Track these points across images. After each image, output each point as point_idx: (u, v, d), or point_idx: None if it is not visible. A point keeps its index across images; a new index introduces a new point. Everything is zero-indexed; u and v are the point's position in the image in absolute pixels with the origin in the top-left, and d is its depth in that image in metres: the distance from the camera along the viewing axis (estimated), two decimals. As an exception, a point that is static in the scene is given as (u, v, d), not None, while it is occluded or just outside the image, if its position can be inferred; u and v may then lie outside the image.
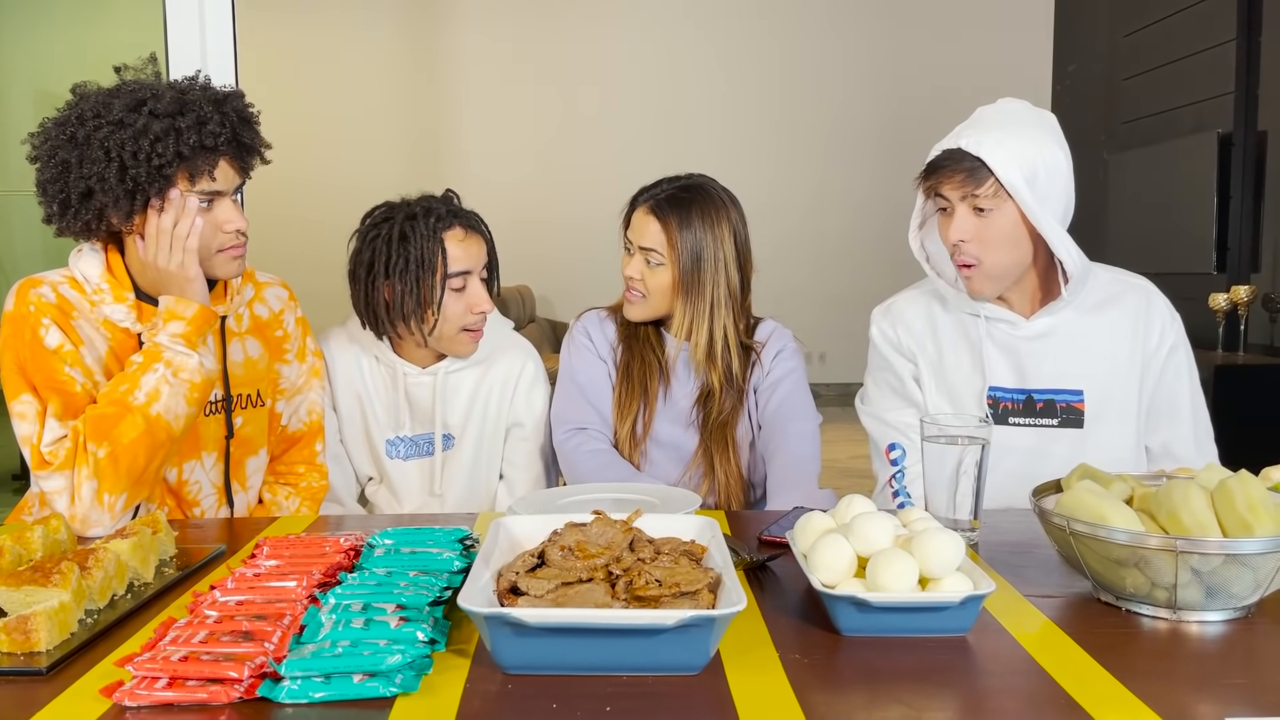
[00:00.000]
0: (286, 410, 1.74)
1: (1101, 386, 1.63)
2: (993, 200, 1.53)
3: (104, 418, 1.40)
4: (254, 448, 1.67)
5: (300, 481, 1.76)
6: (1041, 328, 1.65)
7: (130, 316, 1.50)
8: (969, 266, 1.58)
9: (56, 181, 1.44)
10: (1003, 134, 1.53)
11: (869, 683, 0.91)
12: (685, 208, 1.80)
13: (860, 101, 7.54)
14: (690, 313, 1.82)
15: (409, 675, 0.87)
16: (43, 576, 0.99)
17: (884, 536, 1.05)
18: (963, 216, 1.55)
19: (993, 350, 1.66)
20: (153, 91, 1.46)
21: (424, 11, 7.49)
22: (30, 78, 4.80)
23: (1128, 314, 1.65)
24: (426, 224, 1.73)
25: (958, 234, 1.56)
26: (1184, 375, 1.66)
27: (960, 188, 1.54)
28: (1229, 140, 4.28)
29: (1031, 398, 1.64)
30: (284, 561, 1.13)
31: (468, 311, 1.77)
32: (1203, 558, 0.99)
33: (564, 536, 1.05)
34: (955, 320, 1.71)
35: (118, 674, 0.90)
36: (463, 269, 1.75)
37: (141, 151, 1.41)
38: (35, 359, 1.43)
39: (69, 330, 1.46)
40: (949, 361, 1.70)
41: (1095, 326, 1.64)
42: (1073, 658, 0.95)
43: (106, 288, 1.50)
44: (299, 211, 6.54)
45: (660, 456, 1.88)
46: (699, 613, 0.87)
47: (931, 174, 1.58)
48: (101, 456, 1.39)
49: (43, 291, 1.47)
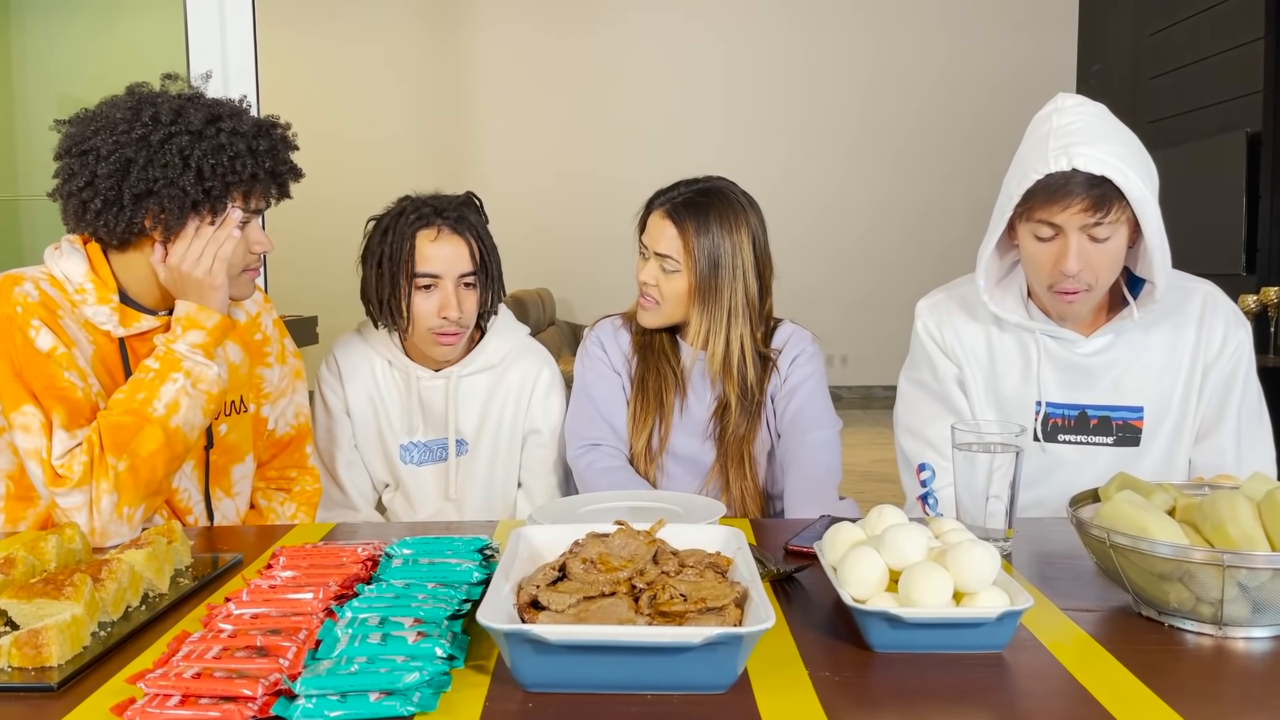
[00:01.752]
0: (272, 415, 1.71)
1: (1161, 402, 1.55)
2: (1114, 226, 1.40)
3: (122, 428, 1.38)
4: (239, 454, 1.64)
5: (293, 486, 1.73)
6: (1101, 344, 1.56)
7: (113, 319, 1.46)
8: (1076, 292, 1.46)
9: (111, 178, 1.40)
10: (1111, 145, 1.38)
11: (902, 702, 0.87)
12: (703, 212, 1.76)
13: (882, 101, 7.49)
14: (707, 321, 1.77)
15: (427, 693, 0.85)
16: (55, 589, 0.97)
17: (917, 549, 1.01)
18: (1081, 244, 1.41)
19: (1048, 365, 1.57)
20: (230, 110, 1.48)
21: (443, 22, 7.50)
22: (53, 85, 4.82)
23: (1189, 322, 1.56)
24: (406, 220, 1.74)
25: (1078, 264, 1.41)
26: (1239, 382, 1.57)
27: (1085, 215, 1.39)
28: (1258, 139, 4.22)
29: (1085, 414, 1.57)
30: (301, 572, 1.10)
31: (434, 314, 1.75)
32: (1251, 572, 0.95)
33: (586, 548, 1.02)
34: (1013, 336, 1.61)
35: (129, 691, 0.88)
36: (430, 270, 1.73)
37: (221, 165, 1.42)
38: (31, 364, 1.38)
39: (59, 331, 1.41)
40: (1000, 370, 1.61)
41: (1156, 340, 1.56)
42: (1114, 676, 0.91)
43: (90, 288, 1.45)
44: (318, 218, 6.54)
45: (677, 470, 1.84)
46: (726, 630, 0.84)
47: (1047, 202, 1.41)
48: (122, 470, 1.36)
49: (26, 290, 1.41)
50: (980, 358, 1.63)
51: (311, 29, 7.27)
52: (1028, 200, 1.43)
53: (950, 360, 1.65)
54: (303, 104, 6.70)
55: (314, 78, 7.25)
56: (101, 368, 1.46)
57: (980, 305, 1.61)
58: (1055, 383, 1.58)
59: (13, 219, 4.98)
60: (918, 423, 1.67)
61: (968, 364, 1.63)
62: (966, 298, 1.66)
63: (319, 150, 6.86)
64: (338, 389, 1.86)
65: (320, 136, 6.76)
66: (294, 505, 1.72)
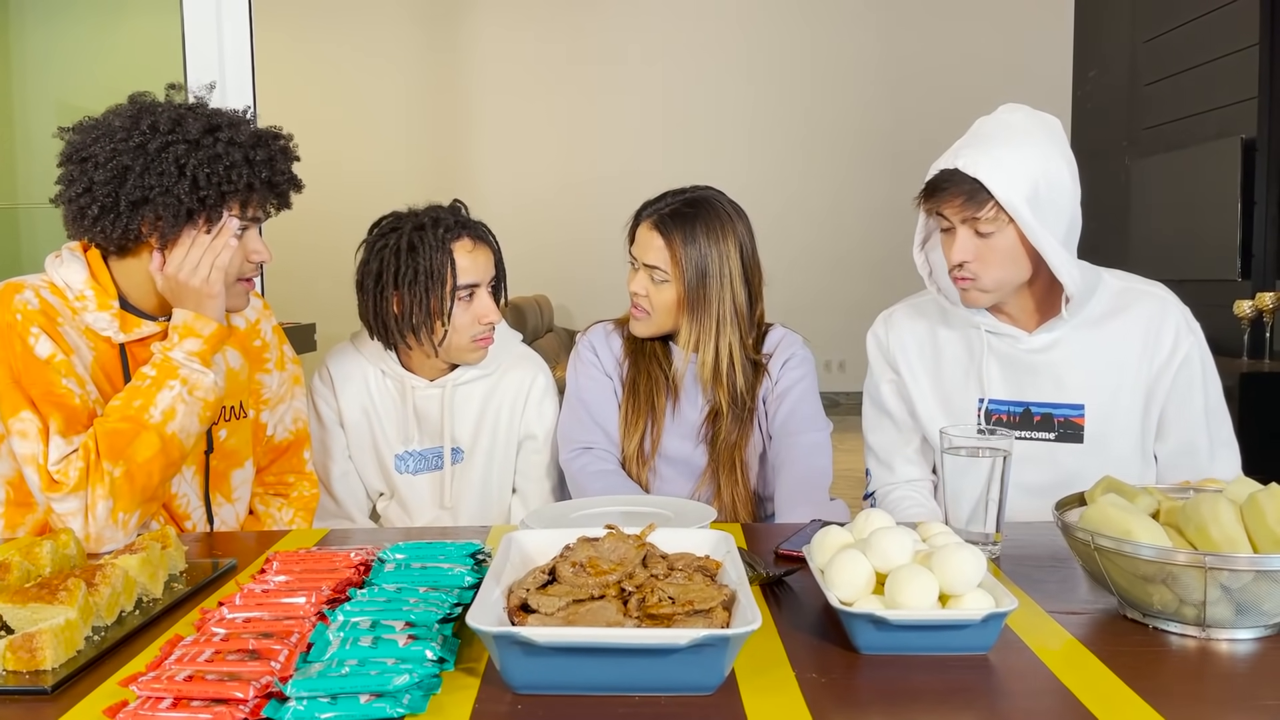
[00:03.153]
0: (271, 420, 1.72)
1: (1105, 400, 1.60)
2: (993, 223, 1.50)
3: (118, 434, 1.39)
4: (239, 459, 1.65)
5: (291, 491, 1.74)
6: (1045, 341, 1.62)
7: (114, 325, 1.48)
8: (967, 279, 1.56)
9: (108, 184, 1.42)
10: (1002, 151, 1.49)
11: (888, 703, 0.88)
12: (689, 223, 1.77)
13: (880, 108, 7.51)
14: (696, 330, 1.79)
15: (417, 695, 0.86)
16: (49, 593, 0.98)
17: (903, 552, 1.02)
18: (964, 238, 1.53)
19: (992, 363, 1.64)
20: (230, 120, 1.49)
21: (442, 32, 7.51)
22: (51, 93, 4.83)
23: (1138, 324, 1.62)
24: (435, 235, 1.73)
25: (959, 256, 1.54)
26: (1197, 387, 1.61)
27: (960, 211, 1.51)
28: (1253, 145, 4.23)
29: (1029, 410, 1.62)
30: (294, 577, 1.12)
31: (475, 322, 1.76)
32: (1232, 574, 0.96)
33: (576, 552, 1.03)
34: (959, 333, 1.69)
35: (122, 694, 0.89)
36: (471, 281, 1.74)
37: (216, 175, 1.43)
38: (29, 371, 1.40)
39: (58, 338, 1.43)
40: (946, 372, 1.68)
41: (1101, 339, 1.61)
42: (1098, 677, 0.92)
43: (90, 294, 1.48)
44: (316, 225, 6.55)
45: (670, 473, 1.85)
46: (713, 632, 0.84)
47: (931, 195, 1.55)
48: (118, 475, 1.38)
49: (26, 297, 1.43)
50: (926, 357, 1.71)
51: (309, 37, 7.29)
52: (927, 197, 1.56)
53: (890, 367, 1.74)
54: (300, 112, 6.73)
55: (311, 86, 7.26)
56: (101, 374, 1.48)
57: (930, 305, 1.72)
58: (999, 379, 1.64)
59: (12, 227, 4.99)
60: (865, 429, 1.79)
61: (911, 366, 1.71)
62: (918, 306, 1.76)
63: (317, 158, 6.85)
64: (331, 399, 1.86)
65: (318, 145, 6.78)
66: (291, 510, 1.73)
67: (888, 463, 1.75)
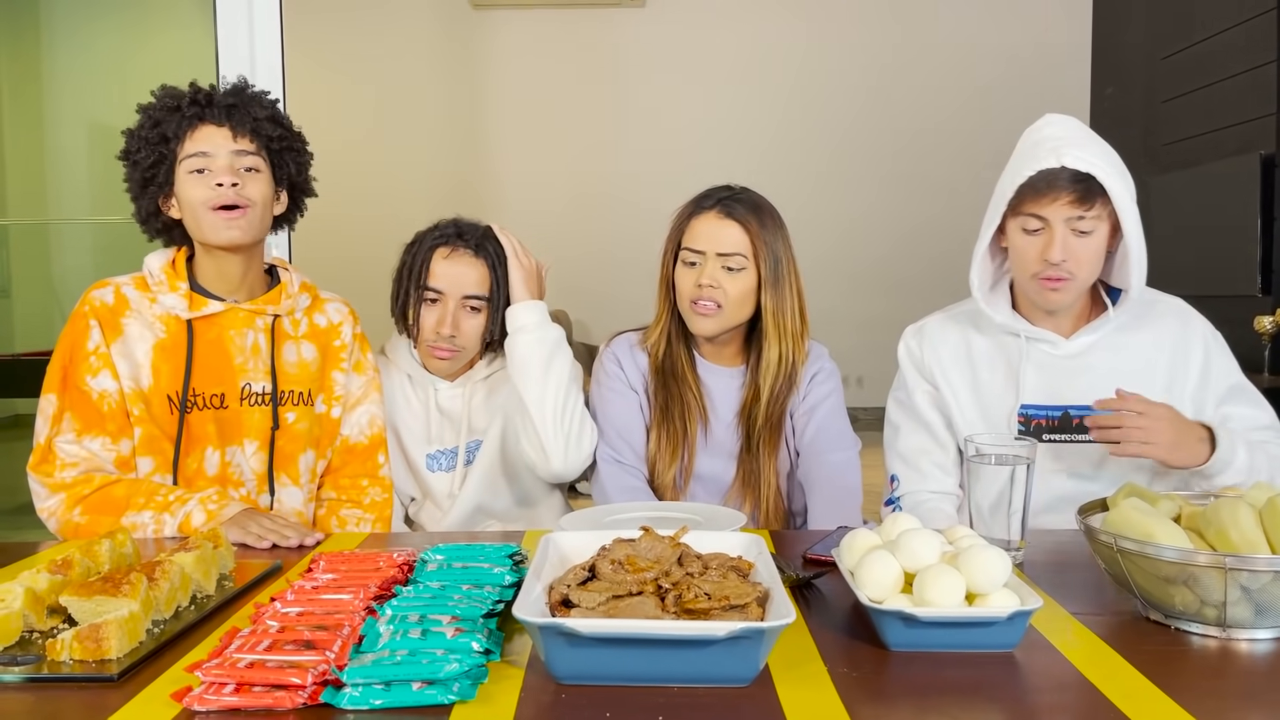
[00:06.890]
0: (348, 421, 1.78)
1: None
2: (1095, 221, 1.55)
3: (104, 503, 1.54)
4: (305, 443, 1.71)
5: (364, 497, 1.77)
6: (1081, 345, 1.66)
7: (182, 304, 1.63)
8: (1060, 280, 1.58)
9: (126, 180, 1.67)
10: (1098, 149, 1.55)
11: (917, 697, 0.91)
12: (759, 211, 1.77)
13: (902, 124, 7.54)
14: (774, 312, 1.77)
15: (466, 684, 0.89)
16: (113, 587, 1.03)
17: (931, 552, 1.06)
18: (1065, 236, 1.56)
19: (1029, 369, 1.67)
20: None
21: (464, 46, 7.60)
22: (82, 110, 4.92)
23: (1167, 334, 1.68)
24: (430, 237, 1.84)
25: (1062, 254, 1.55)
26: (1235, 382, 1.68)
27: (1070, 208, 1.54)
28: (1272, 161, 4.24)
29: (1068, 414, 1.65)
30: (340, 575, 1.16)
31: (433, 330, 1.82)
32: (1252, 575, 0.99)
33: (613, 551, 1.07)
34: (993, 341, 1.72)
35: (186, 680, 0.93)
36: (436, 286, 1.81)
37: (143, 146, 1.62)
38: (75, 361, 1.59)
39: (111, 329, 1.60)
40: (984, 380, 1.71)
41: (1135, 343, 1.67)
42: (1122, 674, 0.95)
43: (164, 279, 1.64)
44: (344, 236, 6.64)
45: (700, 491, 1.86)
46: (749, 624, 0.88)
47: (1036, 195, 1.55)
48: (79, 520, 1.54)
49: (103, 293, 1.63)
50: (962, 367, 1.72)
51: (336, 53, 7.38)
52: (1019, 196, 1.57)
53: (924, 378, 1.76)
54: (325, 129, 6.82)
55: (336, 104, 7.35)
56: (163, 354, 1.61)
57: (962, 315, 1.76)
58: (1038, 384, 1.67)
59: (42, 242, 5.07)
60: (892, 436, 1.79)
61: (949, 377, 1.73)
62: (948, 319, 1.78)
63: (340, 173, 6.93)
64: None
65: (346, 160, 6.89)
66: (369, 519, 1.76)
67: (917, 466, 1.74)
